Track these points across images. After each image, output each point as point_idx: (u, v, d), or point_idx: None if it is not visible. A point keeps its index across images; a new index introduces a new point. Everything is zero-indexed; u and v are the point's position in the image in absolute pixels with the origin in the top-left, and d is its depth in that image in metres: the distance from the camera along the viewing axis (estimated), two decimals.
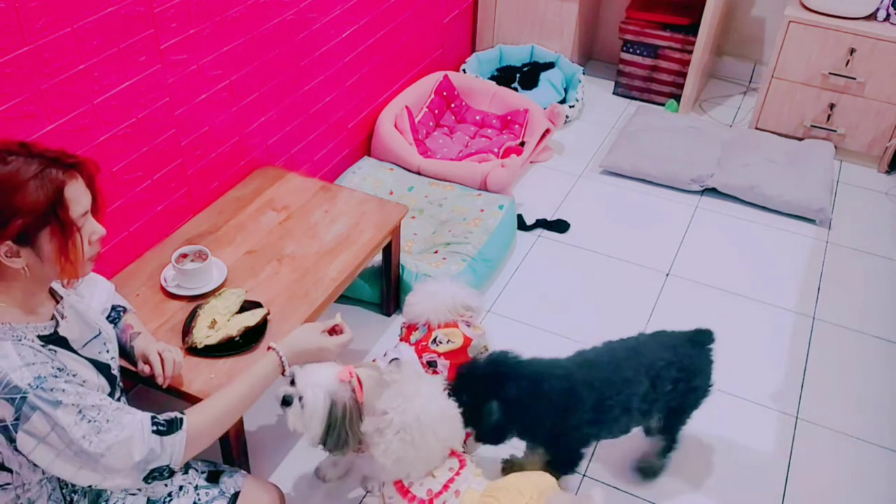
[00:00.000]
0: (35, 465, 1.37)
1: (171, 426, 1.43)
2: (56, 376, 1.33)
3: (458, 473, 1.69)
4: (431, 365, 2.09)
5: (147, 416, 1.42)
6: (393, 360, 1.85)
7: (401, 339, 2.18)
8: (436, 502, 1.65)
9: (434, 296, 2.15)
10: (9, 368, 1.29)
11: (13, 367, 1.30)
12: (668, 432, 2.15)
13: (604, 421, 1.94)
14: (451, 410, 1.72)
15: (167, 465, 1.42)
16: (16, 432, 1.30)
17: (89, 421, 1.33)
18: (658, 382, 1.97)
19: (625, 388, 1.94)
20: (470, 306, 2.19)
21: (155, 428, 1.41)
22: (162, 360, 1.74)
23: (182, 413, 1.46)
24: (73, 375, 1.39)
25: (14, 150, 1.33)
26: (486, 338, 2.19)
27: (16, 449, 1.33)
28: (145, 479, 1.40)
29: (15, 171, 1.31)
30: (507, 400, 1.85)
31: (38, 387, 1.30)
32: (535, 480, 1.72)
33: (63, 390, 1.32)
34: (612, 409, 1.93)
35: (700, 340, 2.08)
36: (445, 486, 1.66)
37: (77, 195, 1.37)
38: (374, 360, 2.13)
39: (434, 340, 2.10)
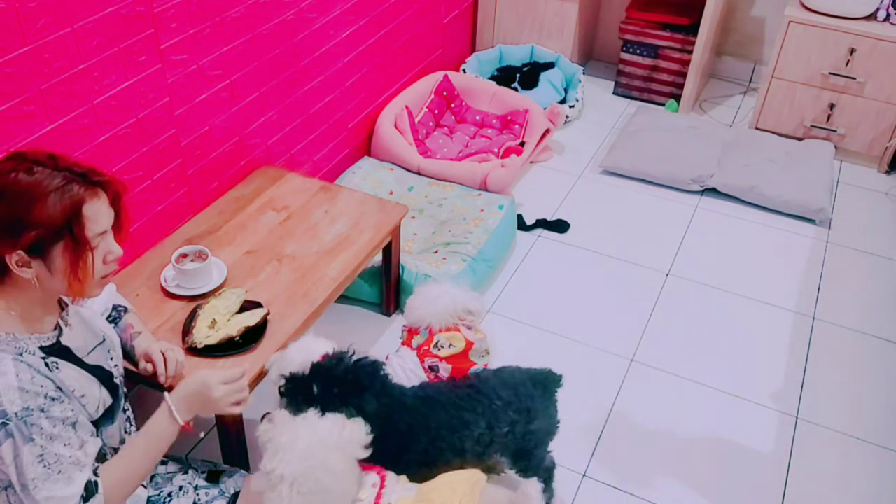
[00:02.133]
0: None
1: (89, 491, 1.38)
2: (42, 409, 1.32)
3: (382, 487, 1.63)
4: (433, 369, 2.09)
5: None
6: (265, 415, 1.67)
7: (402, 343, 2.18)
8: None
9: (435, 300, 2.14)
10: (3, 388, 1.29)
11: (8, 387, 1.29)
12: (525, 473, 1.99)
13: (434, 461, 1.84)
14: (338, 439, 1.58)
15: None
16: None
17: (45, 466, 1.32)
18: (495, 425, 1.88)
19: (460, 430, 1.85)
20: (471, 310, 2.18)
21: (83, 493, 1.37)
22: (165, 360, 1.74)
23: (96, 475, 1.41)
24: (72, 391, 1.39)
25: (41, 161, 1.33)
26: (488, 341, 2.20)
27: None
28: None
29: (37, 183, 1.30)
30: (364, 411, 1.75)
31: (22, 418, 1.29)
32: (467, 476, 1.67)
33: (41, 428, 1.31)
34: (443, 451, 1.85)
35: (543, 382, 1.97)
36: None
37: (96, 214, 1.36)
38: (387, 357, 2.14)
39: (436, 345, 2.10)
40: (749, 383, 2.56)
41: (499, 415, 1.88)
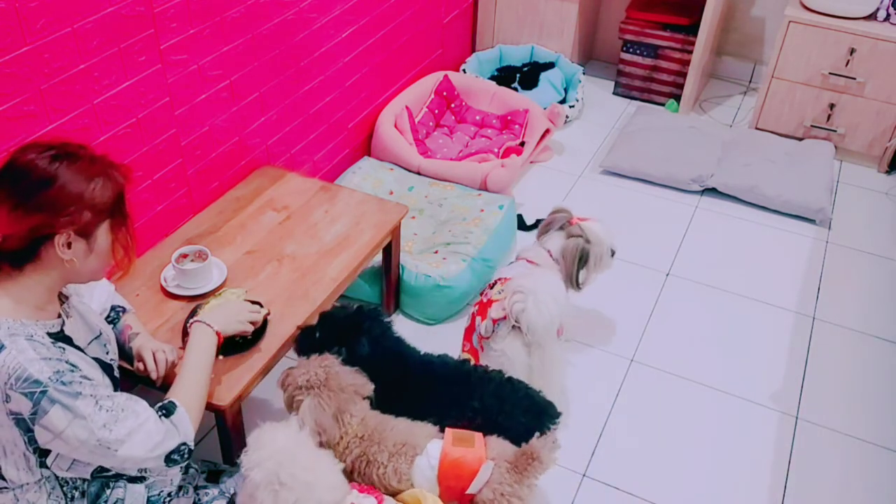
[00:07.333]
0: (32, 466, 1.38)
1: (168, 409, 1.50)
2: (72, 370, 1.36)
3: None
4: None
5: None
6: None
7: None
8: None
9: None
10: (27, 362, 1.31)
11: (31, 360, 1.32)
12: None
13: (420, 419, 1.91)
14: (298, 435, 1.60)
15: (183, 443, 1.48)
16: (33, 425, 1.33)
17: (107, 410, 1.37)
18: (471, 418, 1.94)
19: (447, 407, 1.93)
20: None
21: (159, 413, 1.48)
22: (156, 359, 1.74)
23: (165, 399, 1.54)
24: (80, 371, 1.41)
25: (77, 152, 1.41)
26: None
27: (32, 440, 1.35)
28: (166, 462, 1.46)
29: (86, 167, 1.39)
30: (355, 353, 1.89)
31: (57, 381, 1.32)
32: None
33: (80, 383, 1.35)
34: (425, 416, 1.89)
35: (538, 412, 1.97)
36: None
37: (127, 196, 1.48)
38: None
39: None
40: (749, 383, 2.56)
41: (466, 414, 1.93)
